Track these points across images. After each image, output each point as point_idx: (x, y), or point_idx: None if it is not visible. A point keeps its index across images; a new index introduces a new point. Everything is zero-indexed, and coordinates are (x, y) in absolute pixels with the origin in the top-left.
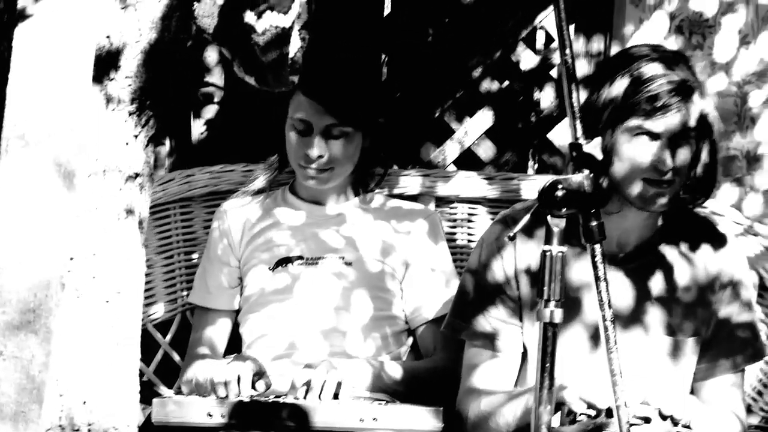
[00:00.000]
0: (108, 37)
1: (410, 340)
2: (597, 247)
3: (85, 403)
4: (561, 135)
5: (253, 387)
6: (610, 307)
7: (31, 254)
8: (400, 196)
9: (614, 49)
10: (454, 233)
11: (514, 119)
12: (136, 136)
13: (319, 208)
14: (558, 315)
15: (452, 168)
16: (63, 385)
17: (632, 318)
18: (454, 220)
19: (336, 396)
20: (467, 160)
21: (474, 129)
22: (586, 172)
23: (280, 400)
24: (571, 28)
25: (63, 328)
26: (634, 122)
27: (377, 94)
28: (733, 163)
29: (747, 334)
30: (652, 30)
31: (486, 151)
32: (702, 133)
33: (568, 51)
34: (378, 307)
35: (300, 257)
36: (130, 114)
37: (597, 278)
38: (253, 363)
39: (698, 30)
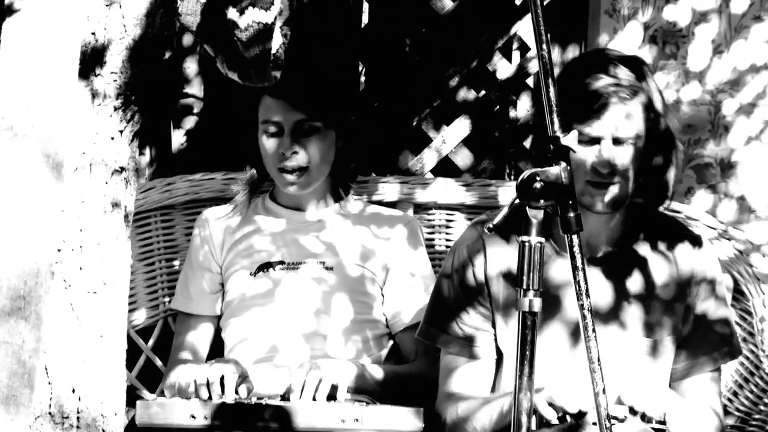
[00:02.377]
0: (93, 33)
1: (390, 343)
2: (575, 237)
3: (74, 391)
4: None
5: (236, 391)
6: (588, 296)
7: (20, 242)
8: (379, 203)
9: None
10: (433, 239)
11: (490, 128)
12: (121, 131)
13: (299, 214)
14: (537, 304)
15: (430, 176)
16: (52, 373)
17: (610, 316)
18: (433, 226)
19: (332, 398)
20: (445, 168)
21: (451, 137)
22: (563, 164)
23: (263, 401)
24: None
25: (52, 318)
26: (575, 127)
27: (344, 89)
28: (707, 171)
29: (724, 330)
30: (626, 39)
31: (463, 159)
32: (650, 135)
33: (544, 46)
34: (358, 311)
35: (281, 262)
36: (116, 109)
37: (575, 268)
38: (235, 365)
39: (672, 40)
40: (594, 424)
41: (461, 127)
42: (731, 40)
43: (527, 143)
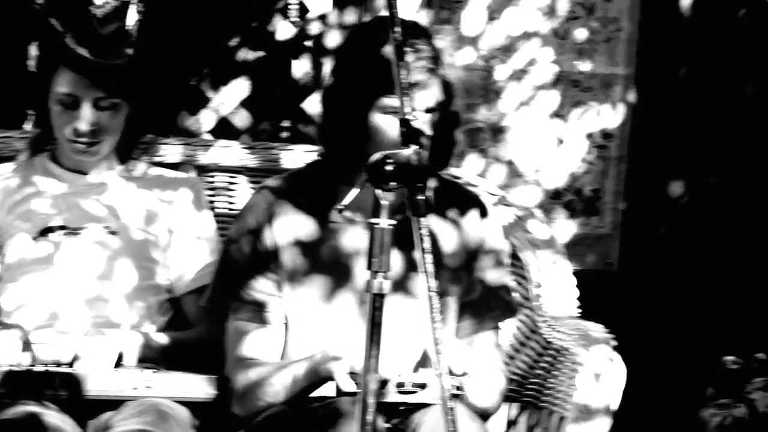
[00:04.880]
0: None
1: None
2: (423, 220)
3: None
4: (315, 105)
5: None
6: (436, 279)
7: None
8: (161, 165)
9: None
10: (214, 202)
11: (269, 89)
12: None
13: (81, 177)
14: (386, 286)
15: (208, 136)
16: None
17: (401, 285)
18: (214, 189)
19: (118, 366)
20: (223, 129)
21: (230, 98)
22: (414, 147)
23: (51, 368)
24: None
25: None
26: (386, 101)
27: (141, 62)
28: (478, 135)
29: (504, 295)
30: (403, 4)
31: (242, 120)
32: (446, 102)
33: (398, 29)
34: (142, 276)
35: (62, 227)
36: None
37: (423, 251)
38: (19, 330)
39: (447, 5)
40: (400, 391)
41: (240, 87)
42: (504, 6)
43: (305, 105)
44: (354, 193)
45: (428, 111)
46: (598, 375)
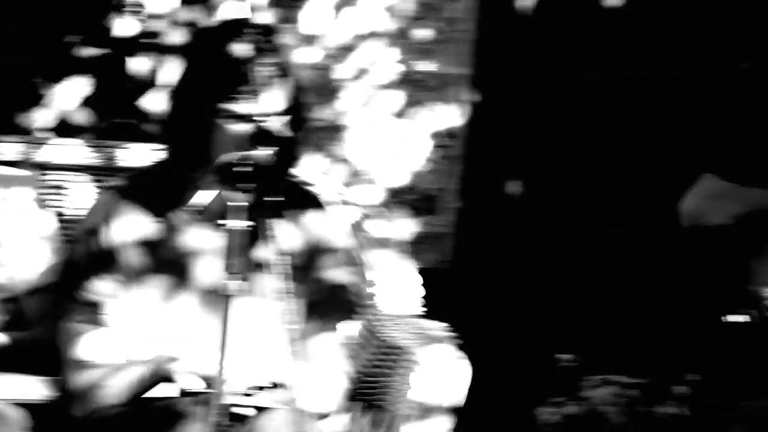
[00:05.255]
0: None
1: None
2: (274, 221)
3: None
4: (154, 102)
5: None
6: (293, 279)
7: None
8: None
9: (211, 20)
10: (53, 201)
11: (110, 86)
12: None
13: None
14: (240, 287)
15: (48, 135)
16: None
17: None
18: (53, 188)
19: None
20: (62, 127)
21: (70, 95)
22: (266, 148)
23: None
24: None
25: None
26: (231, 103)
27: None
28: (318, 134)
29: (346, 295)
30: (251, 2)
31: (81, 117)
32: (294, 103)
33: (252, 30)
34: None
35: None
36: None
37: (276, 253)
38: None
39: (289, 4)
40: (243, 394)
41: (80, 85)
42: (346, 5)
43: (145, 102)
44: (207, 194)
45: (276, 113)
46: (436, 373)
